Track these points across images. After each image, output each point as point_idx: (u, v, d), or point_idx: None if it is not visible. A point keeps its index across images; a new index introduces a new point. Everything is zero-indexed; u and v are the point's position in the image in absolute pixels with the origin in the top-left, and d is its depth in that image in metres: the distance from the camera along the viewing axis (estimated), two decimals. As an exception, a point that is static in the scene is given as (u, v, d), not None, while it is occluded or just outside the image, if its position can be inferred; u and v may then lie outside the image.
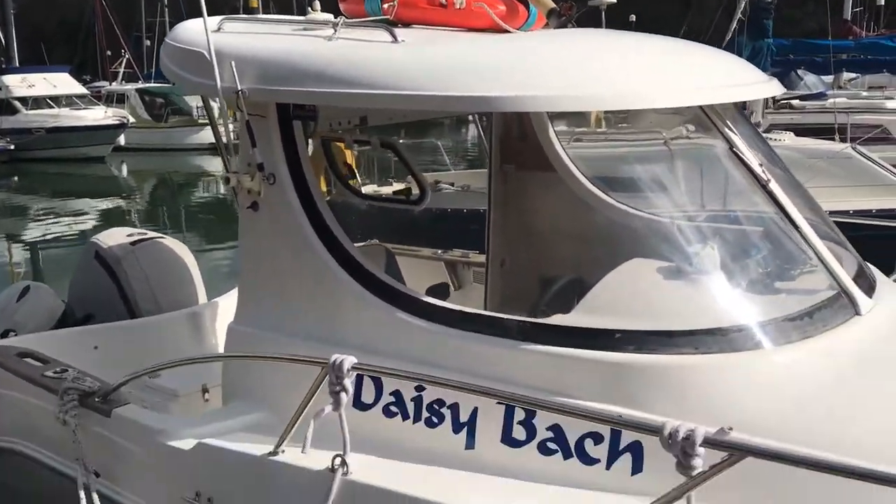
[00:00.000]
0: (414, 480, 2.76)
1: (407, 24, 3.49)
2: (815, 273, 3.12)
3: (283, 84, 3.20)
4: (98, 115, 30.23)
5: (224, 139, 3.58)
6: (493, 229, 4.16)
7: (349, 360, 2.75)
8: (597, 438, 2.64)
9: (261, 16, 4.11)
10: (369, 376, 3.00)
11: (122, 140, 30.04)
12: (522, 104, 3.11)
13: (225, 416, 3.34)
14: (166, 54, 3.56)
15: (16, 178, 27.42)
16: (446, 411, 2.91)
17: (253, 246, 3.56)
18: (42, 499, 4.01)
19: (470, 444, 2.88)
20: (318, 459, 2.84)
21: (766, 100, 13.04)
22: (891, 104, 12.59)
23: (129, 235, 5.16)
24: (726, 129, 3.18)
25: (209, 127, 4.78)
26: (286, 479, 2.96)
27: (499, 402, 2.77)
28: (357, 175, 6.28)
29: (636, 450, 2.59)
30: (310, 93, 3.16)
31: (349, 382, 2.75)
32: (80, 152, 28.92)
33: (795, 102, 12.90)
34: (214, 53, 3.20)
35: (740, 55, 9.75)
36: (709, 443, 2.23)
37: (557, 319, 3.00)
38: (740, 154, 3.12)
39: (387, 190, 8.54)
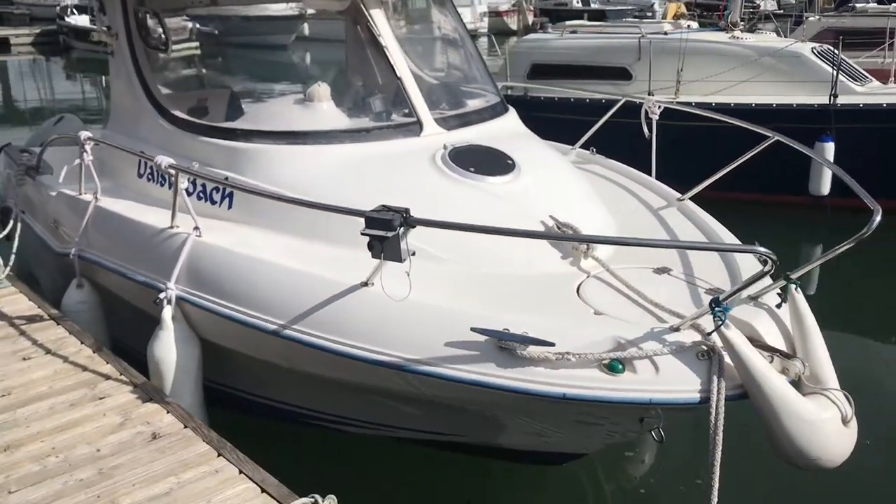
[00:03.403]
0: (131, 210, 4.65)
1: None
2: (401, 105, 4.73)
3: None
4: (280, 6, 32.92)
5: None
6: (351, 76, 6.09)
7: (85, 134, 4.91)
8: (217, 189, 4.50)
9: None
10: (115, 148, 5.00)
11: (306, 30, 32.70)
12: None
13: (93, 179, 5.05)
14: None
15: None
16: (166, 175, 4.65)
17: (113, 79, 5.63)
18: None
19: (163, 182, 4.77)
20: (88, 197, 4.93)
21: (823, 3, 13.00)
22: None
23: None
24: (367, 11, 4.84)
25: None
26: (75, 207, 4.99)
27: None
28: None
29: (230, 195, 4.49)
30: None
31: (88, 148, 4.88)
32: (264, 40, 31.86)
33: (859, 6, 12.83)
34: None
35: None
36: (171, 167, 4.14)
37: (223, 124, 4.91)
38: (372, 28, 4.81)
39: None
